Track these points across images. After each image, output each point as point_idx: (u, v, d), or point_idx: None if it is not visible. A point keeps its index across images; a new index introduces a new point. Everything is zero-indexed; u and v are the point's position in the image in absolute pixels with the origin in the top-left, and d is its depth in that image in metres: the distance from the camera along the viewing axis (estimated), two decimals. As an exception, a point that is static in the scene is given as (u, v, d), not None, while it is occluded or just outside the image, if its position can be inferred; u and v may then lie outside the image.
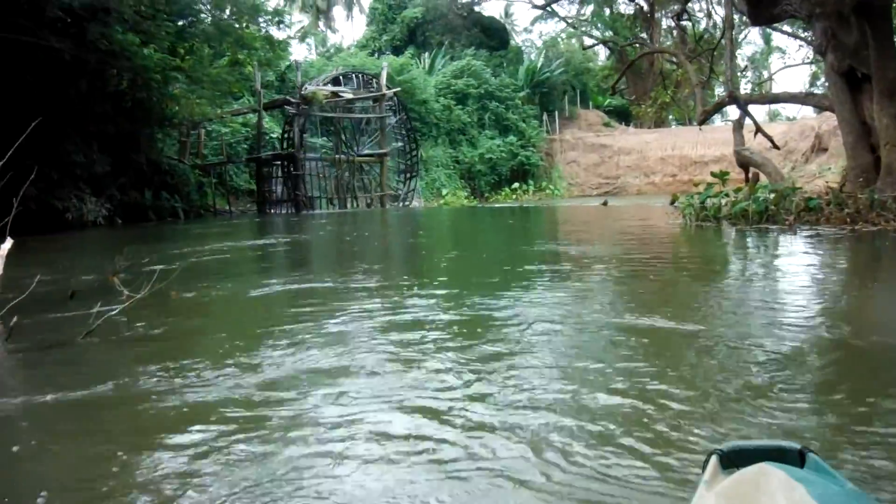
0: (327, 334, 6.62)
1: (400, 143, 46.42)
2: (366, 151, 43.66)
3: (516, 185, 57.47)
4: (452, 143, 57.62)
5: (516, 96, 60.29)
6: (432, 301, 8.33)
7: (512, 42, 70.67)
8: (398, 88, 46.16)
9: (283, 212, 40.61)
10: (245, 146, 44.36)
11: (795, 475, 1.49)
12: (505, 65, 64.59)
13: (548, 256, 13.01)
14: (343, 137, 43.82)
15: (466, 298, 8.32)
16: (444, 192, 53.77)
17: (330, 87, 41.18)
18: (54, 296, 9.47)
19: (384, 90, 42.83)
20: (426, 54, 62.19)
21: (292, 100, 39.60)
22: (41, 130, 28.68)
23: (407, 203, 45.66)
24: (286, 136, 41.37)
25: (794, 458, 1.68)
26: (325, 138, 45.24)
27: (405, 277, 11.28)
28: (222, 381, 5.08)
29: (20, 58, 29.64)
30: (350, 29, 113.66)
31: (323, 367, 5.37)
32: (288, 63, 46.20)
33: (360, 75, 44.46)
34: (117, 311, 7.20)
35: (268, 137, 44.68)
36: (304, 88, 39.82)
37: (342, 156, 42.50)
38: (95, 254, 18.94)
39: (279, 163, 41.18)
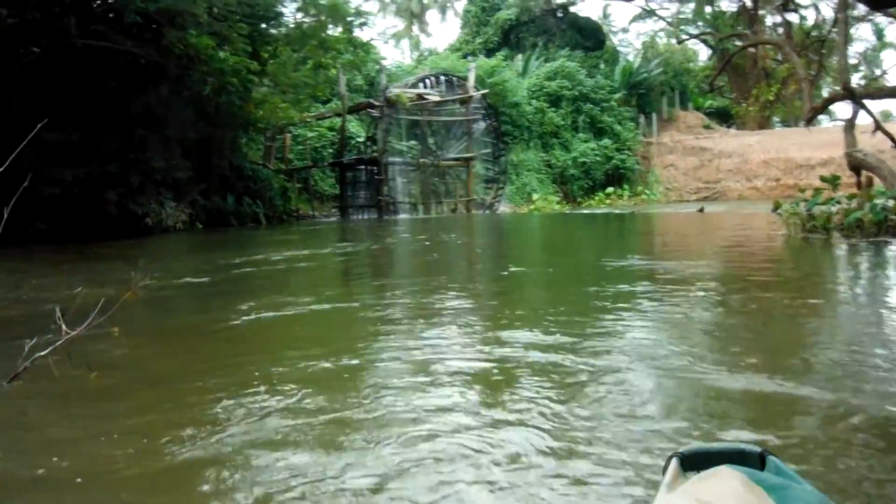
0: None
1: (488, 147, 44.70)
2: (452, 155, 42.09)
3: (611, 189, 55.16)
4: (545, 146, 55.65)
5: (612, 98, 57.91)
6: (494, 334, 6.84)
7: (608, 42, 68.16)
8: (486, 90, 44.47)
9: (366, 217, 39.43)
10: (331, 150, 43.44)
11: (755, 477, 1.48)
12: (600, 66, 62.28)
13: (635, 275, 11.09)
14: (429, 141, 42.39)
15: (540, 330, 6.78)
16: (535, 197, 51.87)
17: (415, 90, 39.75)
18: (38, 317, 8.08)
19: (471, 92, 41.12)
20: (519, 56, 60.40)
21: (376, 102, 38.40)
22: (122, 136, 28.31)
23: (493, 209, 43.94)
24: (370, 139, 40.15)
25: (754, 461, 1.66)
26: (412, 142, 43.90)
27: (477, 298, 9.74)
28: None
29: (102, 64, 29.16)
30: (444, 32, 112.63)
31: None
32: (378, 67, 45.09)
33: (447, 77, 42.90)
34: (47, 351, 5.60)
35: (354, 142, 43.69)
36: (388, 91, 38.48)
37: (427, 160, 40.98)
38: (153, 261, 17.95)
39: (363, 167, 39.96)
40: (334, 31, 35.97)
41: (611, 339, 6.42)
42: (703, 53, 73.94)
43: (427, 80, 42.18)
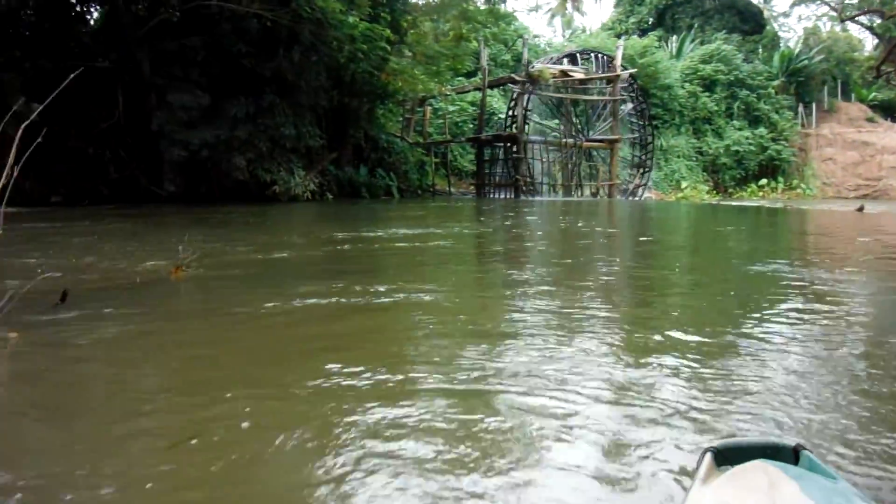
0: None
1: (635, 130, 41.36)
2: (596, 137, 38.93)
3: (764, 181, 50.93)
4: (696, 132, 51.97)
5: (769, 85, 53.46)
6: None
7: (768, 27, 63.12)
8: (634, 70, 41.08)
9: (503, 196, 36.89)
10: (472, 126, 41.09)
11: (789, 472, 1.46)
12: (758, 50, 57.77)
13: (780, 285, 8.06)
14: (572, 120, 39.39)
15: (674, 365, 4.37)
16: (684, 185, 48.31)
17: (559, 66, 36.82)
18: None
19: (619, 71, 37.82)
20: (674, 38, 56.57)
21: (517, 77, 35.65)
22: (252, 101, 26.70)
23: (637, 195, 40.60)
24: (510, 116, 37.49)
25: (787, 455, 1.63)
26: (555, 121, 41.03)
27: (611, 302, 7.01)
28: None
29: (233, 27, 27.65)
30: (598, 11, 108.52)
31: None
32: (520, 40, 42.20)
33: (595, 55, 39.61)
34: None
35: (496, 118, 41.18)
36: (530, 66, 35.69)
37: (569, 140, 37.92)
38: (278, 229, 16.05)
39: (501, 144, 37.38)
40: (476, 2, 33.46)
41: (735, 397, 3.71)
42: (869, 43, 67.67)
43: (572, 57, 39.04)
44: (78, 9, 29.04)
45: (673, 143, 50.10)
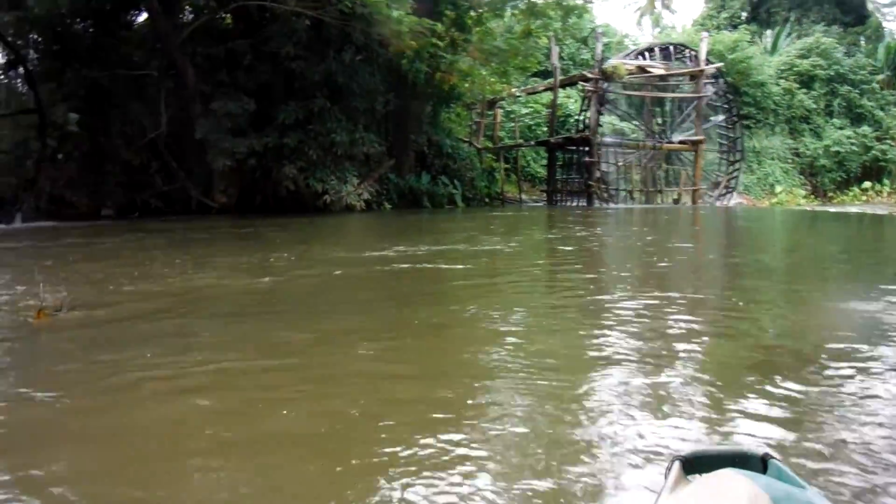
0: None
1: (722, 131, 37.69)
2: (678, 138, 35.45)
3: (867, 184, 46.29)
4: (792, 132, 47.78)
5: (873, 79, 48.70)
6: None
7: (871, 17, 57.98)
8: (720, 63, 37.38)
9: (575, 204, 33.86)
10: (547, 129, 38.16)
11: (758, 480, 1.44)
12: (861, 43, 52.96)
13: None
14: (652, 121, 36.03)
15: None
16: (778, 189, 44.32)
17: (636, 62, 33.52)
18: None
19: (703, 66, 34.20)
20: (768, 32, 52.39)
21: (589, 75, 32.49)
22: (301, 106, 24.56)
23: (725, 201, 36.92)
24: (583, 116, 34.42)
25: (756, 464, 1.59)
26: (634, 122, 37.75)
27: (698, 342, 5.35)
28: None
29: (278, 28, 25.62)
30: (688, 8, 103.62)
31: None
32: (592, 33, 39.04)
33: (677, 49, 36.00)
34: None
35: (572, 119, 38.12)
36: (604, 62, 32.55)
37: (648, 141, 34.52)
38: (316, 243, 13.71)
39: (574, 148, 34.33)
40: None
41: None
42: None
43: (651, 52, 35.55)
44: (121, 16, 27.37)
45: (766, 143, 46.10)
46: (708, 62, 34.85)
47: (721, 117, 36.95)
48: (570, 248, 12.77)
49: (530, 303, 7.15)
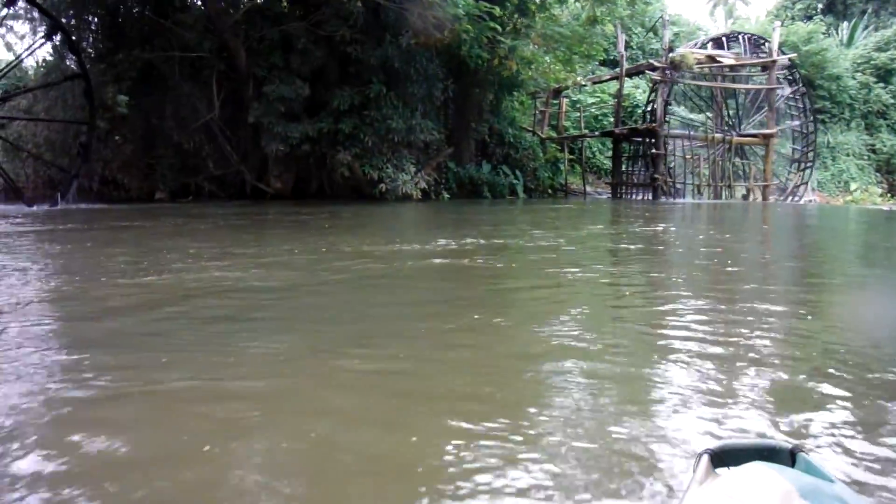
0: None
1: (795, 124, 35.72)
2: (749, 131, 33.63)
3: (948, 182, 43.80)
4: (868, 127, 45.50)
5: (954, 73, 46.08)
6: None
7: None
8: (793, 54, 35.36)
9: (640, 197, 32.33)
10: (612, 119, 36.67)
11: (786, 474, 1.41)
12: (944, 35, 50.16)
13: None
14: (722, 112, 34.25)
15: None
16: (853, 187, 42.13)
17: (705, 51, 31.79)
18: None
19: (775, 56, 32.29)
20: (844, 24, 49.95)
21: (657, 64, 30.87)
22: (357, 91, 23.64)
23: (796, 198, 34.97)
24: (649, 107, 32.83)
25: (784, 458, 1.57)
26: (703, 114, 35.97)
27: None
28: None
29: (332, 11, 24.65)
30: (763, 1, 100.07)
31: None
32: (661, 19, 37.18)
33: (749, 38, 34.09)
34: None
35: (640, 111, 36.53)
36: (672, 51, 30.89)
37: (718, 134, 32.70)
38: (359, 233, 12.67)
39: (640, 139, 32.77)
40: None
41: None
42: None
43: (722, 41, 33.72)
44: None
45: (841, 139, 43.88)
46: (781, 53, 32.93)
47: (797, 122, 34.95)
48: (631, 247, 11.45)
49: (584, 310, 5.96)
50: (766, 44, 33.07)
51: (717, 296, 6.67)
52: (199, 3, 26.87)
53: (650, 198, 31.05)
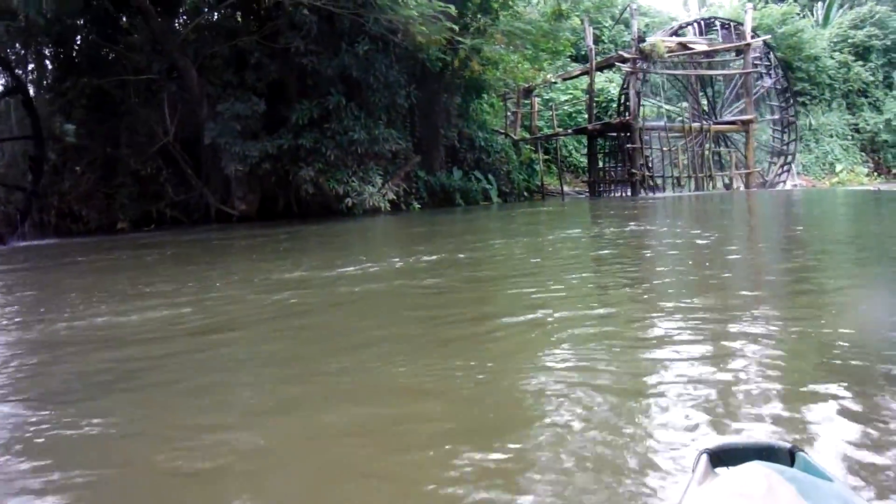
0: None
1: (774, 109, 34.65)
2: (727, 118, 32.48)
3: (934, 158, 42.80)
4: (850, 107, 44.54)
5: (934, 47, 45.10)
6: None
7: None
8: (768, 36, 34.27)
9: (619, 194, 31.22)
10: (585, 116, 35.59)
11: (785, 474, 1.41)
12: (920, 9, 49.20)
13: None
14: (699, 101, 33.08)
15: None
16: (839, 168, 41.16)
17: (676, 38, 30.68)
18: None
19: (749, 39, 31.14)
20: (819, 4, 48.96)
21: (626, 55, 29.75)
22: (315, 104, 22.45)
23: (781, 183, 33.85)
24: (622, 100, 31.70)
25: (783, 457, 1.57)
26: (683, 104, 34.82)
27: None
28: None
29: (285, 23, 23.55)
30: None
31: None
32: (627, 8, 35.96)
33: (721, 24, 32.93)
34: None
35: (614, 105, 35.44)
36: (643, 41, 29.76)
37: (695, 124, 31.54)
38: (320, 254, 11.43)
39: (614, 134, 31.65)
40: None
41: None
42: None
43: (693, 27, 32.59)
44: (120, 20, 25.57)
45: (823, 120, 42.89)
46: (755, 37, 31.82)
47: (769, 81, 33.75)
48: (609, 252, 10.31)
49: (571, 328, 4.86)
50: (740, 28, 31.94)
51: (710, 304, 5.57)
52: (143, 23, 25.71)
53: (629, 194, 29.91)
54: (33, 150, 22.42)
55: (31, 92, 25.20)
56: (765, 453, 1.55)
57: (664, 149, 30.73)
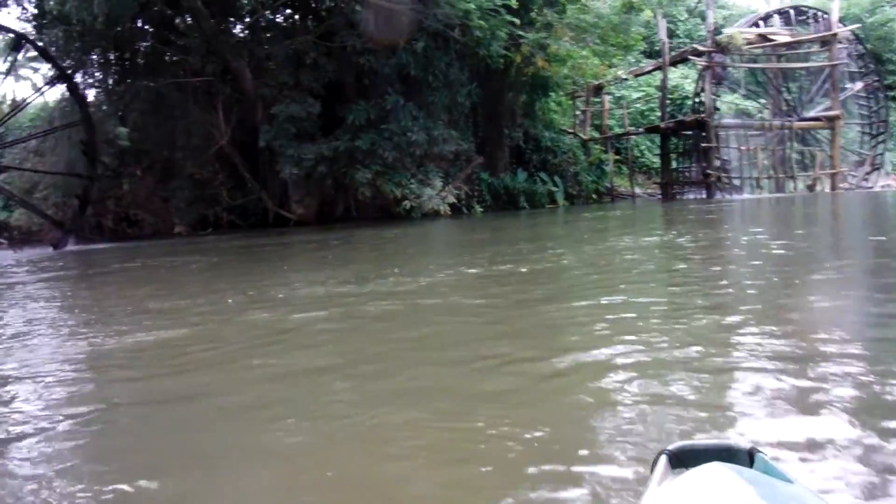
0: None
1: (862, 102, 32.47)
2: (810, 115, 30.37)
3: None
4: (949, 103, 41.64)
5: None
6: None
7: None
8: (856, 26, 32.11)
9: (693, 196, 29.59)
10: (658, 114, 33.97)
11: (744, 475, 1.38)
12: None
13: None
14: (780, 97, 31.04)
15: None
16: (937, 169, 38.56)
17: (755, 29, 28.82)
18: None
19: (834, 28, 29.04)
20: (915, -8, 46.21)
21: (701, 48, 28.08)
22: (372, 104, 21.63)
23: (869, 185, 31.62)
24: (698, 97, 30.00)
25: (743, 459, 1.54)
26: (760, 101, 32.90)
27: None
28: None
29: (345, 21, 22.77)
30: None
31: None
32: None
33: (804, 13, 30.80)
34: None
35: (689, 102, 33.74)
36: (719, 33, 28.04)
37: (776, 121, 29.57)
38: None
39: (689, 132, 30.01)
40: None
41: None
42: None
43: (774, 17, 30.53)
44: (176, 22, 25.15)
45: (916, 115, 40.29)
46: (842, 26, 29.75)
47: (859, 84, 31.63)
48: (686, 266, 9.02)
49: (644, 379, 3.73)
50: (826, 17, 29.85)
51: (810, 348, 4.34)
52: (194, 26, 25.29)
53: (705, 196, 28.26)
54: (84, 134, 22.17)
55: (92, 97, 25.10)
56: (724, 454, 1.50)
57: (742, 148, 28.91)
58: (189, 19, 24.54)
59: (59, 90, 24.81)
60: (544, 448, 3.11)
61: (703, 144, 28.22)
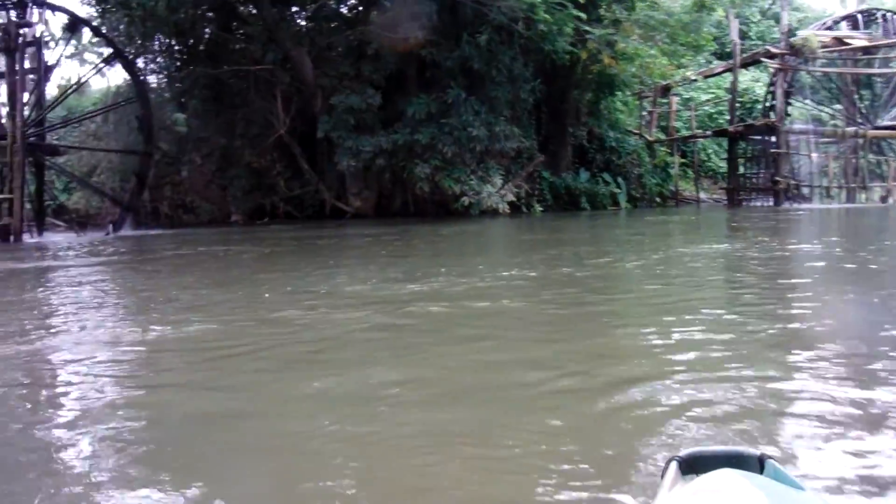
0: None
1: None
2: (885, 123, 29.10)
3: None
4: None
5: None
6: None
7: None
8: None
9: (760, 203, 28.62)
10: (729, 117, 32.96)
11: (755, 481, 1.35)
12: None
13: None
14: (855, 103, 29.82)
15: None
16: None
17: (832, 32, 27.67)
18: None
19: (920, 33, 27.78)
20: None
21: (774, 50, 27.06)
22: (433, 98, 21.21)
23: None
24: (769, 101, 28.94)
25: (753, 465, 1.52)
26: (834, 108, 31.67)
27: None
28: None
29: (408, 13, 22.35)
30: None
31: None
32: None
33: (883, 16, 29.44)
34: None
35: (759, 106, 32.64)
36: (793, 35, 27.00)
37: (849, 128, 28.42)
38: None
39: (759, 137, 29.04)
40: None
41: None
42: None
43: (852, 20, 29.29)
44: (239, 9, 25.07)
45: None
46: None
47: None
48: (754, 279, 8.28)
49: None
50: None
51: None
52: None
53: (772, 204, 27.27)
54: (139, 110, 22.17)
55: (153, 84, 25.15)
56: (734, 461, 1.49)
57: (813, 155, 27.84)
58: (251, 7, 24.41)
59: (122, 74, 24.96)
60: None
61: (773, 150, 27.23)
